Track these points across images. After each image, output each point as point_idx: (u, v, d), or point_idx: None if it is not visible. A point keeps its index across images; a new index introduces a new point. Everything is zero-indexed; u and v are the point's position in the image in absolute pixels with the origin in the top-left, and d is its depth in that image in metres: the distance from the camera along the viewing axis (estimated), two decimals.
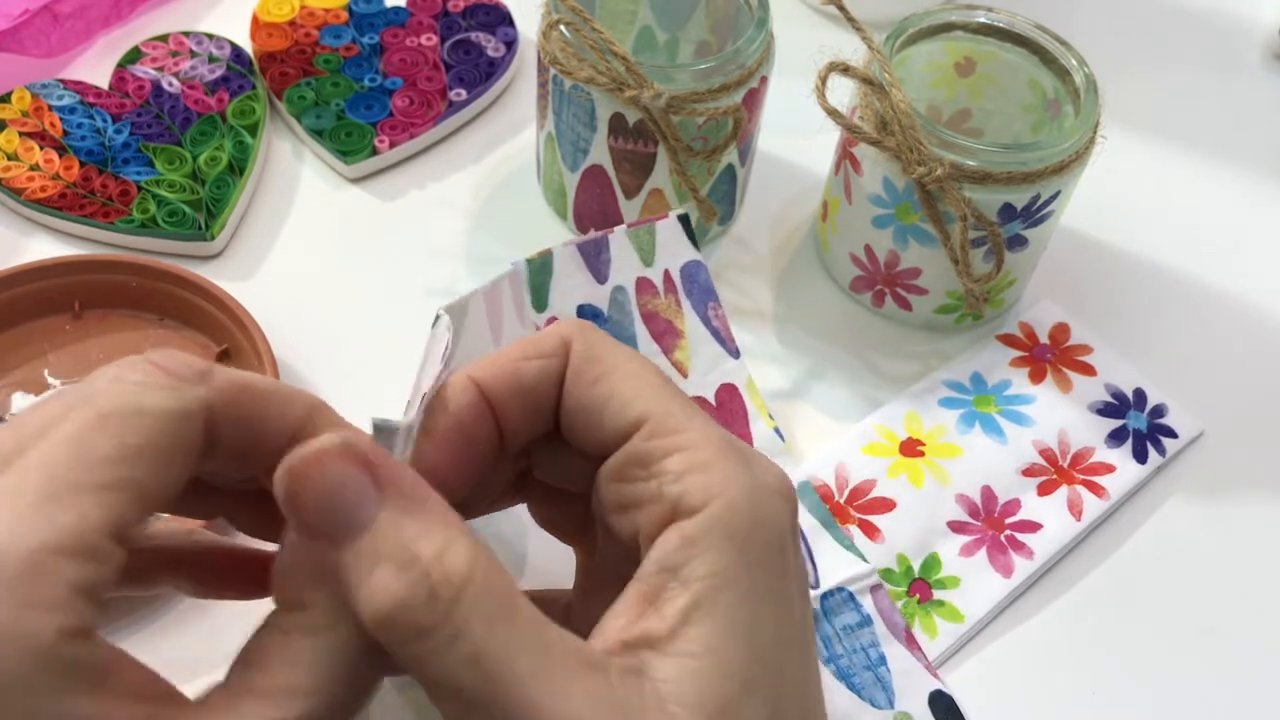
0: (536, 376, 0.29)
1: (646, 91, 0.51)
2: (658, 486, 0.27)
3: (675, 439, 0.28)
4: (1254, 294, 0.62)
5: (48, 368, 0.54)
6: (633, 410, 0.28)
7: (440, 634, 0.24)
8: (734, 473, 0.27)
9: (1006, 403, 0.56)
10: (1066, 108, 0.55)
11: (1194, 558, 0.53)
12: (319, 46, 0.66)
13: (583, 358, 0.29)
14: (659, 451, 0.28)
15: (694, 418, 0.28)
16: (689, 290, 0.40)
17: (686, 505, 0.27)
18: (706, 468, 0.27)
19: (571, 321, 0.30)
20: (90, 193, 0.59)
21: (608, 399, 0.29)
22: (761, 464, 0.28)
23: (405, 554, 0.24)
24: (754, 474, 0.27)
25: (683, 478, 0.27)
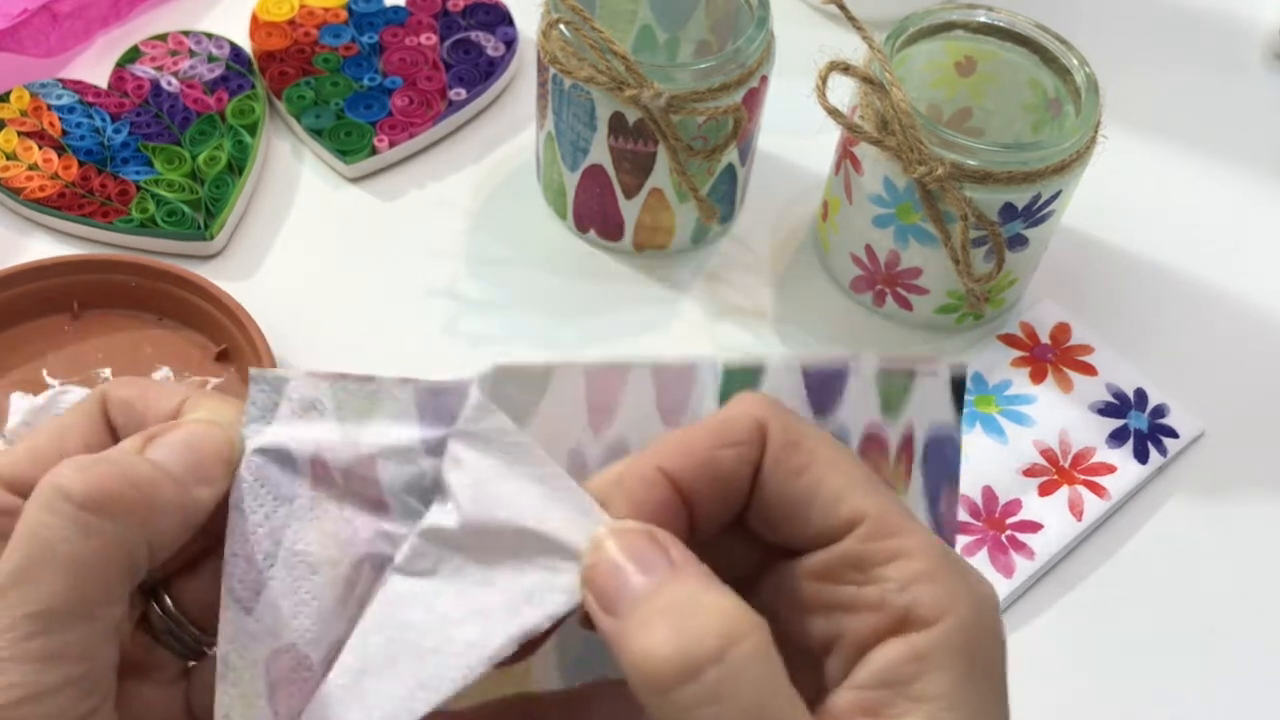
0: (734, 466, 0.27)
1: (646, 91, 0.51)
2: (879, 594, 0.25)
3: (896, 543, 0.26)
4: (1255, 294, 0.62)
5: (46, 368, 0.54)
6: (845, 508, 0.26)
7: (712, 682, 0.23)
8: (960, 585, 0.26)
9: (1007, 403, 0.56)
10: (1067, 107, 0.54)
11: (1195, 558, 0.53)
12: (318, 46, 0.66)
13: (782, 445, 0.27)
14: (880, 556, 0.26)
15: (910, 520, 0.26)
16: (928, 464, 0.32)
17: (917, 618, 0.25)
18: (934, 579, 0.25)
19: (759, 398, 0.28)
20: (89, 192, 0.59)
21: (814, 493, 0.27)
22: (975, 574, 0.27)
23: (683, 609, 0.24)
24: (973, 586, 0.26)
25: (910, 587, 0.25)
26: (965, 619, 0.25)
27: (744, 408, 0.28)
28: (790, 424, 0.27)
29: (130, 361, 0.54)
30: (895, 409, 0.31)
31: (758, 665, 0.24)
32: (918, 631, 0.25)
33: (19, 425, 0.51)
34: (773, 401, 0.28)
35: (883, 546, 0.26)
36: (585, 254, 0.61)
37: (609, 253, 0.61)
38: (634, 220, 0.58)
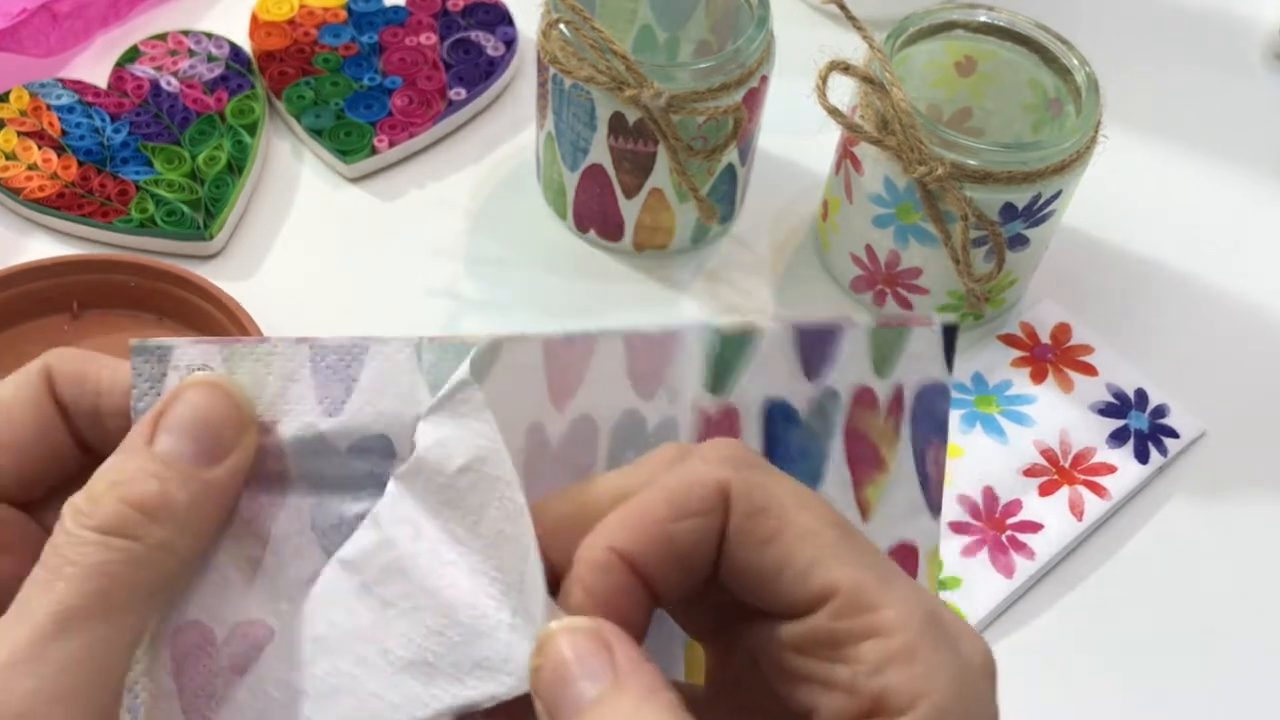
0: (692, 541, 0.25)
1: (646, 91, 0.51)
2: (851, 676, 0.24)
3: (870, 619, 0.24)
4: (1255, 294, 0.62)
5: None
6: (816, 581, 0.24)
7: None
8: (940, 661, 0.24)
9: (1008, 403, 0.56)
10: (1068, 107, 0.54)
11: (1195, 558, 0.53)
12: (318, 45, 0.66)
13: (746, 514, 0.25)
14: (853, 634, 0.24)
15: (889, 587, 0.24)
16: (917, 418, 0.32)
17: (890, 705, 0.23)
18: (910, 658, 0.23)
19: (723, 457, 0.26)
20: (89, 192, 0.59)
21: (782, 566, 0.25)
22: (965, 639, 0.25)
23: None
24: (959, 656, 0.24)
25: (883, 670, 0.23)
26: (943, 702, 0.23)
27: (703, 470, 0.25)
28: (756, 484, 0.25)
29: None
30: (887, 365, 0.31)
31: None
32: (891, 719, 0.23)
33: None
34: (740, 461, 0.26)
35: (855, 624, 0.24)
36: (585, 254, 0.61)
37: (609, 253, 0.61)
38: (634, 220, 0.58)
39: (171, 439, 0.26)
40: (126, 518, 0.25)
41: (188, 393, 0.26)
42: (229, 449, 0.26)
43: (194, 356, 0.27)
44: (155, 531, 0.25)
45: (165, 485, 0.25)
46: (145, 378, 0.27)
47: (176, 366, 0.27)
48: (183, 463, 0.25)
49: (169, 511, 0.25)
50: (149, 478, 0.25)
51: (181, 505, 0.25)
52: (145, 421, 0.26)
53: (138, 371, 0.27)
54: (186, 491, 0.25)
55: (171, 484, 0.25)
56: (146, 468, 0.25)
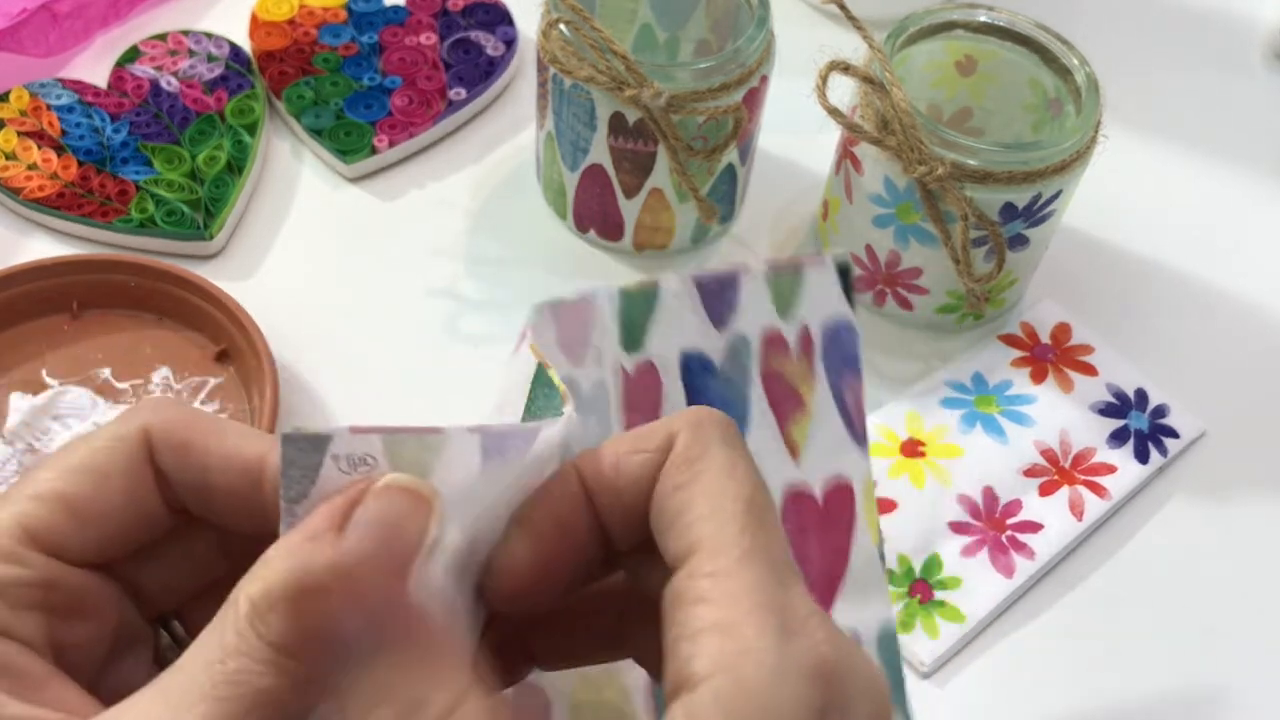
0: (636, 474, 0.25)
1: (646, 90, 0.51)
2: (674, 639, 0.23)
3: (712, 585, 0.23)
4: (1255, 294, 0.62)
5: (46, 368, 0.53)
6: (691, 535, 0.24)
7: None
8: (758, 643, 0.22)
9: (1008, 403, 0.56)
10: (1068, 107, 0.54)
11: (1195, 558, 0.53)
12: (318, 45, 0.66)
13: (680, 457, 0.25)
14: (691, 595, 0.23)
15: (751, 561, 0.23)
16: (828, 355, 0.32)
17: (688, 675, 0.22)
18: (728, 629, 0.22)
19: (694, 411, 0.26)
20: (88, 192, 0.59)
21: (680, 513, 0.24)
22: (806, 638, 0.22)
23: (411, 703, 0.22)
24: (786, 649, 0.22)
25: (699, 637, 0.22)
26: (744, 681, 0.21)
27: (668, 422, 0.26)
28: (702, 439, 0.25)
29: (130, 361, 0.54)
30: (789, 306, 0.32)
31: None
32: (689, 691, 0.22)
33: (19, 425, 0.51)
34: (703, 418, 0.26)
35: (695, 585, 0.23)
36: (585, 254, 0.61)
37: (609, 253, 0.61)
38: (634, 220, 0.58)
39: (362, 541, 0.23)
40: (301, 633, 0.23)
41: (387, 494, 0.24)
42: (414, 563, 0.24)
43: (355, 445, 0.25)
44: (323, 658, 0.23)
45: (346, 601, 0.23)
46: (297, 466, 0.24)
47: (335, 456, 0.25)
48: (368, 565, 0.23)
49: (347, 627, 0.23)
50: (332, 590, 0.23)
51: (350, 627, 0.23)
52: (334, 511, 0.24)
53: (289, 460, 0.24)
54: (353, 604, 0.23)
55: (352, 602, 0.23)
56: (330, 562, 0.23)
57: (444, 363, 0.56)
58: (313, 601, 0.22)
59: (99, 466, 0.26)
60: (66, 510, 0.25)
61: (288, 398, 0.53)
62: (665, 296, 0.31)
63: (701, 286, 0.31)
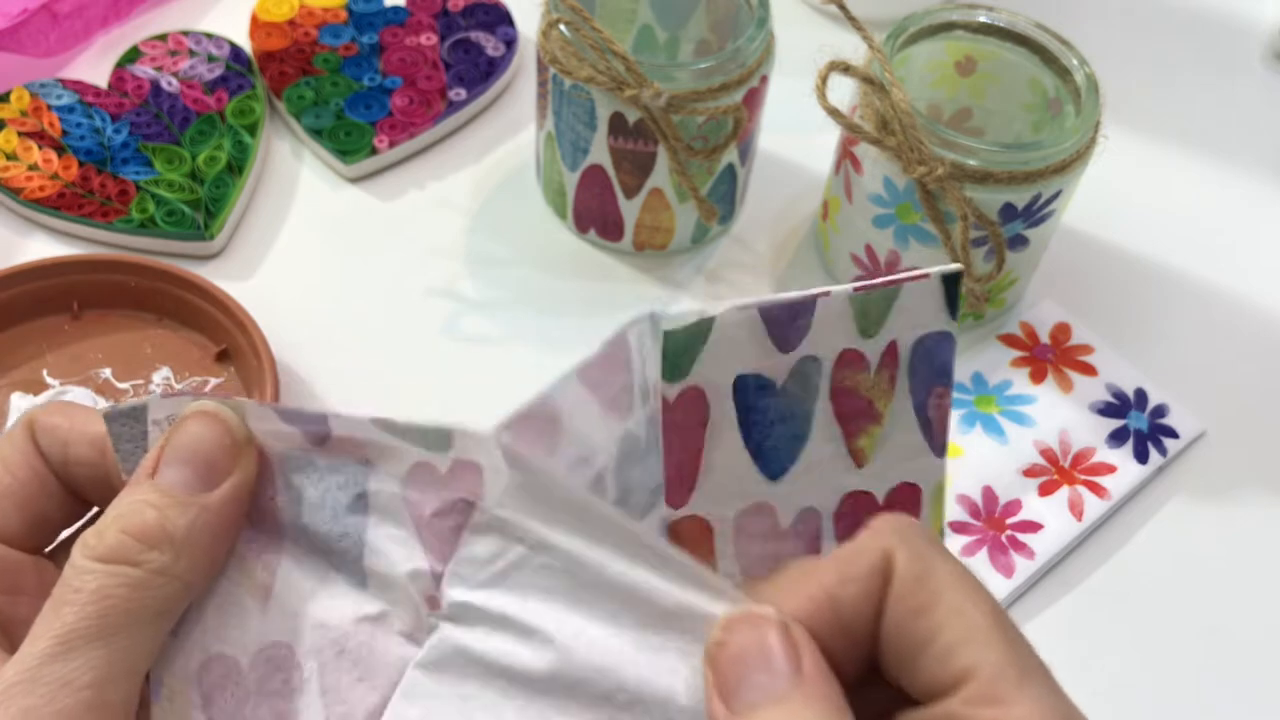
0: (855, 606, 0.24)
1: (646, 91, 0.51)
2: None
3: (999, 713, 0.23)
4: (1255, 294, 0.62)
5: (46, 368, 0.54)
6: (956, 662, 0.23)
7: None
8: None
9: (1007, 403, 0.56)
10: (1067, 107, 0.54)
11: (1195, 558, 0.53)
12: (318, 46, 0.66)
13: (905, 582, 0.24)
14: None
15: (1028, 681, 0.23)
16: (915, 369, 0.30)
17: None
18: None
19: (892, 528, 0.25)
20: (89, 192, 0.59)
21: (931, 638, 0.24)
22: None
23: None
24: None
25: None
26: None
27: (868, 538, 0.25)
28: (918, 554, 0.24)
29: (130, 362, 0.54)
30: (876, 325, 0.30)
31: None
32: None
33: None
34: (904, 527, 0.25)
35: (983, 715, 0.23)
36: (585, 254, 0.61)
37: (609, 253, 0.61)
38: (634, 220, 0.58)
39: (171, 470, 0.27)
40: (126, 546, 0.26)
41: (186, 423, 0.27)
42: (225, 473, 0.27)
43: (169, 407, 0.28)
44: (154, 557, 0.26)
45: (163, 513, 0.26)
46: (126, 439, 0.28)
47: (156, 421, 0.28)
48: (181, 490, 0.27)
49: (166, 537, 0.26)
50: (147, 508, 0.26)
51: (180, 530, 0.26)
52: (150, 456, 0.27)
53: (116, 435, 0.28)
54: (185, 518, 0.27)
55: (170, 511, 0.26)
56: (146, 499, 0.27)
57: (444, 362, 0.56)
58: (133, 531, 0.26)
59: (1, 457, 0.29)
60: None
61: (288, 397, 0.53)
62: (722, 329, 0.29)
63: (769, 316, 0.29)
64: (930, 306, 0.30)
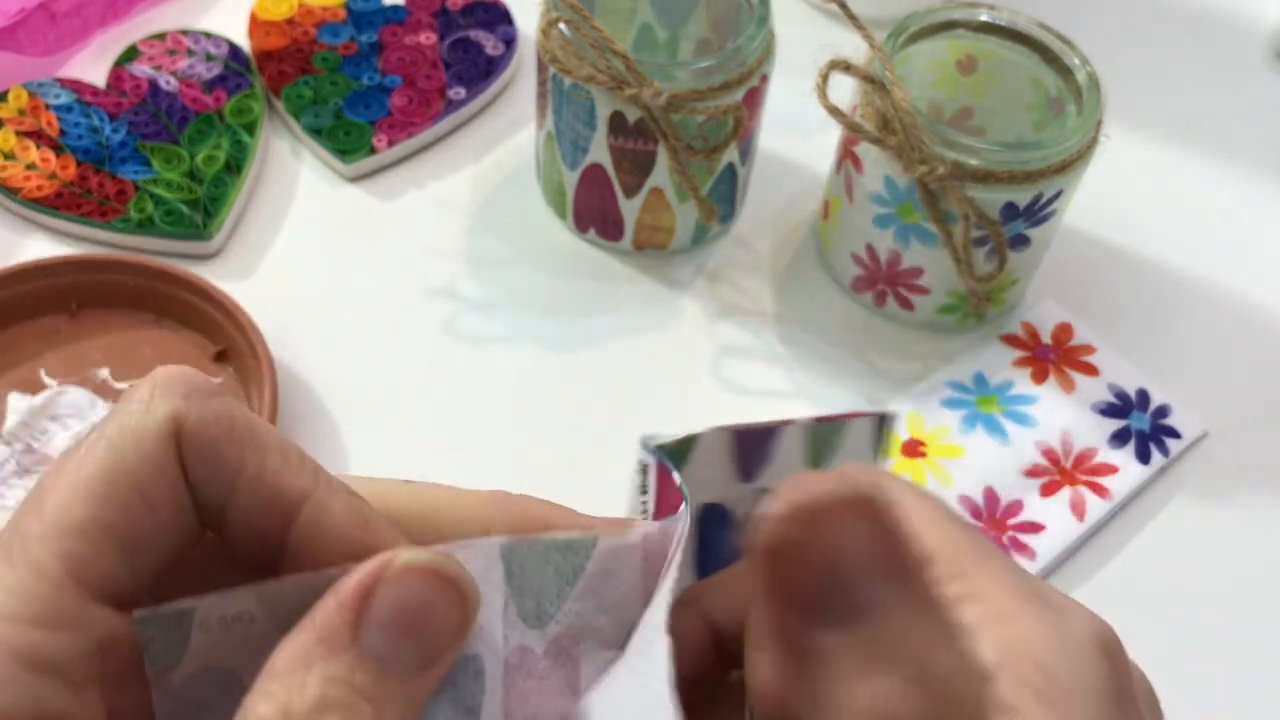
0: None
1: (646, 90, 0.51)
2: None
3: (967, 585, 0.23)
4: (1257, 294, 0.62)
5: (44, 367, 0.53)
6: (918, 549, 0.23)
7: None
8: (1040, 625, 0.22)
9: (1009, 403, 0.55)
10: (1069, 106, 0.54)
11: (1197, 558, 0.53)
12: (317, 45, 0.66)
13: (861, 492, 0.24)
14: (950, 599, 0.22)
15: (987, 558, 0.23)
16: None
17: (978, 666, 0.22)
18: (1007, 619, 0.22)
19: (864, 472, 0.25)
20: (87, 192, 0.59)
21: None
22: (1073, 613, 0.23)
23: None
24: (1065, 624, 0.23)
25: (977, 633, 0.22)
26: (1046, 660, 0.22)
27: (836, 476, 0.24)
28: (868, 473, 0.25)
29: (128, 361, 0.54)
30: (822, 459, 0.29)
31: None
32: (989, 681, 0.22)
33: (17, 426, 0.51)
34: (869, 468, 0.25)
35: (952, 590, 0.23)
36: (585, 254, 0.60)
37: (609, 253, 0.60)
38: (634, 220, 0.58)
39: (384, 638, 0.20)
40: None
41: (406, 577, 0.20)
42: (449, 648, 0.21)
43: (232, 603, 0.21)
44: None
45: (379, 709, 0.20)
46: (163, 644, 0.21)
47: (204, 624, 0.21)
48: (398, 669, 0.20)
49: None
50: (360, 700, 0.20)
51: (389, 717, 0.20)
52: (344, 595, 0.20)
53: (149, 637, 0.21)
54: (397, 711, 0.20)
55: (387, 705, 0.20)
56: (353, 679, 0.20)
57: (443, 362, 0.56)
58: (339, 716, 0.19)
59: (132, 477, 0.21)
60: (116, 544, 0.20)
61: (287, 398, 0.53)
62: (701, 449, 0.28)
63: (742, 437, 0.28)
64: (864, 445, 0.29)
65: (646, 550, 0.26)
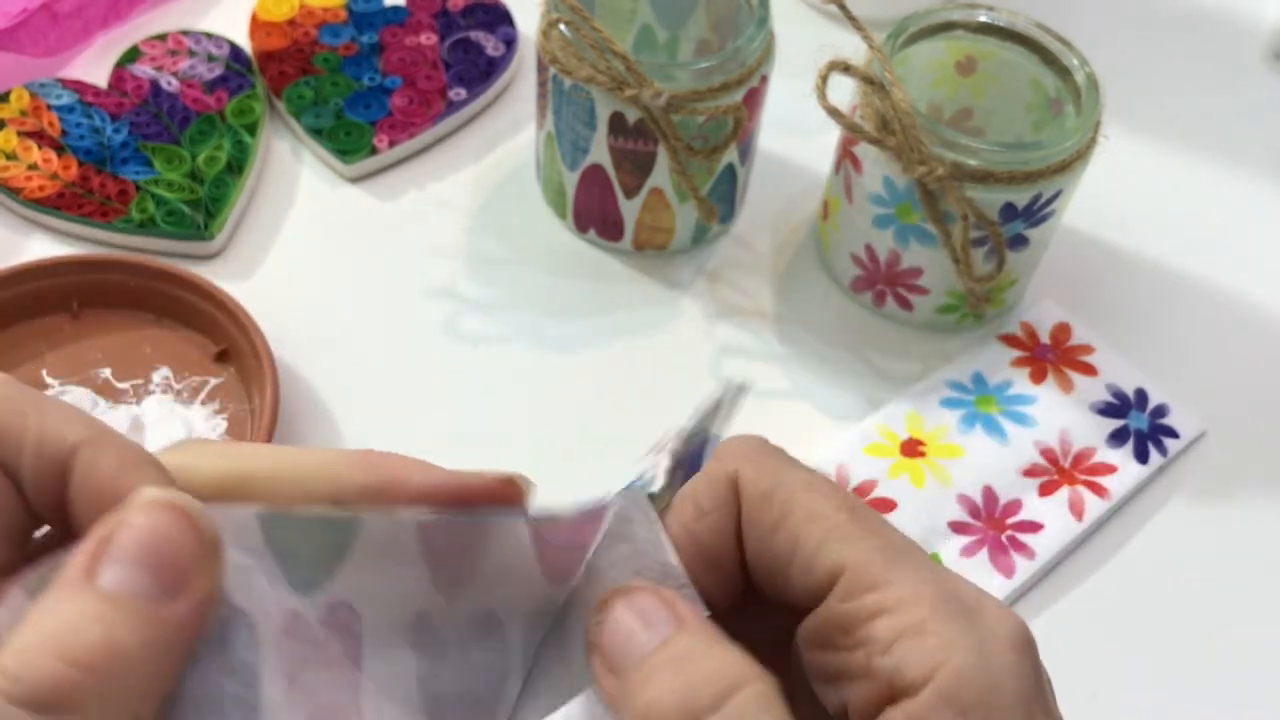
0: (714, 537, 0.25)
1: (646, 90, 0.51)
2: (865, 659, 0.23)
3: (878, 597, 0.23)
4: (1255, 293, 0.62)
5: (46, 368, 0.53)
6: (822, 563, 0.23)
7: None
8: (955, 633, 0.22)
9: (1008, 403, 0.56)
10: (1068, 107, 0.54)
11: (1196, 558, 0.53)
12: (318, 45, 0.66)
13: (754, 500, 0.24)
14: (861, 614, 0.23)
15: (898, 564, 0.23)
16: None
17: (905, 681, 0.22)
18: (921, 631, 0.22)
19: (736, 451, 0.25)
20: (89, 192, 0.59)
21: (792, 551, 0.24)
22: (987, 612, 0.23)
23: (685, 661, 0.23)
24: (979, 628, 0.23)
25: (894, 647, 0.22)
26: (961, 671, 0.22)
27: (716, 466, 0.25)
28: (764, 471, 0.25)
29: (130, 361, 0.54)
30: None
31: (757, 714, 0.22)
32: (910, 698, 0.22)
33: None
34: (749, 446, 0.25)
35: (863, 604, 0.23)
36: (585, 254, 0.60)
37: (609, 253, 0.61)
38: (634, 220, 0.58)
39: (118, 570, 0.21)
40: (64, 681, 0.19)
41: (133, 515, 0.21)
42: (189, 579, 0.21)
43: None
44: (101, 692, 0.20)
45: (110, 630, 0.20)
46: None
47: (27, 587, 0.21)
48: (134, 598, 0.21)
49: (117, 662, 0.20)
50: (90, 623, 0.20)
51: (134, 653, 0.20)
52: (83, 550, 0.21)
53: None
54: (139, 635, 0.20)
55: (120, 628, 0.20)
56: (86, 609, 0.20)
57: (443, 362, 0.56)
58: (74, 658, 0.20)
59: None
60: None
61: (288, 398, 0.53)
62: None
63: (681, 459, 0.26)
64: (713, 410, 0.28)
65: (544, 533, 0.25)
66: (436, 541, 0.24)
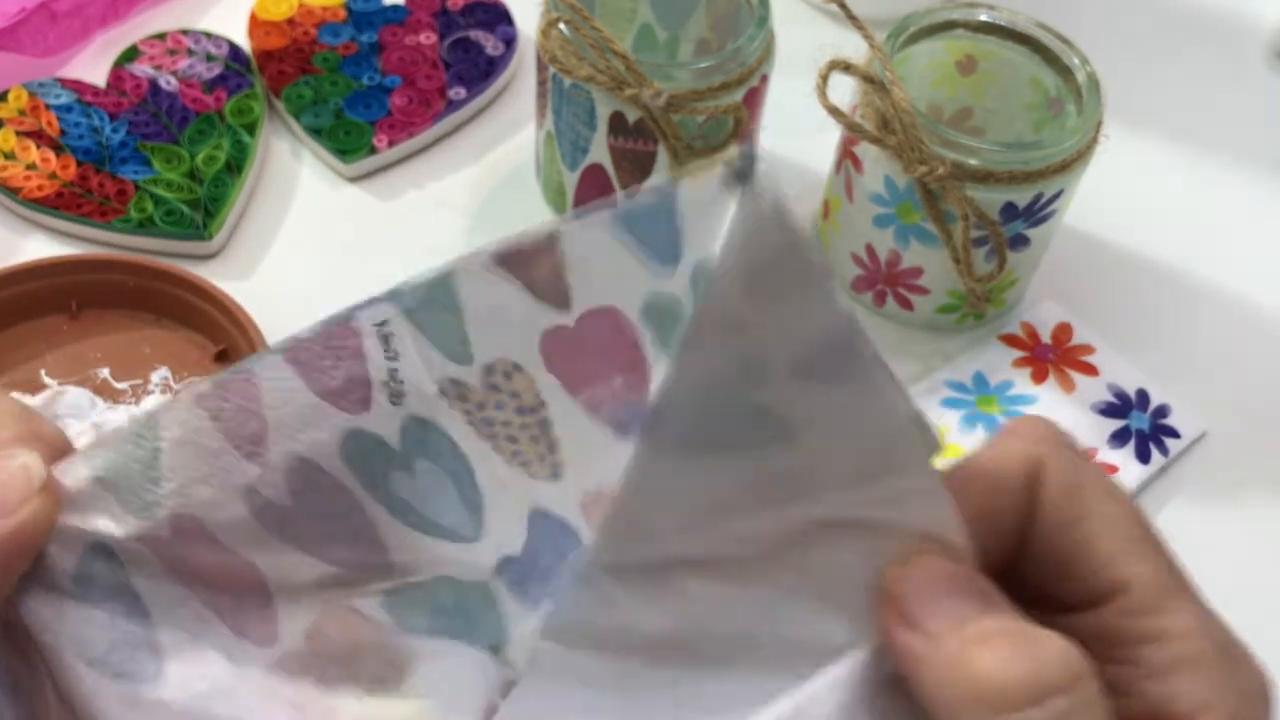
0: (1008, 516, 0.25)
1: (646, 90, 0.51)
2: (1130, 678, 0.23)
3: (1159, 622, 0.24)
4: (1257, 294, 0.62)
5: (45, 368, 0.53)
6: (1112, 574, 0.24)
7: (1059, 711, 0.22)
8: (1227, 677, 0.24)
9: (1009, 403, 0.55)
10: (1069, 106, 0.54)
11: (1197, 559, 0.52)
12: (317, 45, 0.66)
13: (1060, 491, 0.24)
14: (1139, 634, 0.24)
15: (1181, 595, 0.24)
16: None
17: (1177, 711, 0.23)
18: (1197, 668, 0.23)
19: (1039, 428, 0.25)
20: (87, 192, 0.59)
21: (1082, 553, 0.24)
22: (1247, 662, 0.25)
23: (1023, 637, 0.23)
24: (1242, 677, 0.24)
25: (1168, 676, 0.23)
26: (1235, 716, 0.23)
27: (1019, 445, 0.25)
28: (1070, 462, 0.25)
29: (129, 362, 0.54)
30: None
31: (1099, 706, 0.22)
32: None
33: None
34: (1051, 434, 0.25)
35: (1143, 625, 0.24)
36: None
37: None
38: None
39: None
40: None
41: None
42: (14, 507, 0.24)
43: None
44: None
45: None
46: None
47: None
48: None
49: None
50: None
51: None
52: None
53: None
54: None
55: None
56: None
57: None
58: None
59: None
60: None
61: None
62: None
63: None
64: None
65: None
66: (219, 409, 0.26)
